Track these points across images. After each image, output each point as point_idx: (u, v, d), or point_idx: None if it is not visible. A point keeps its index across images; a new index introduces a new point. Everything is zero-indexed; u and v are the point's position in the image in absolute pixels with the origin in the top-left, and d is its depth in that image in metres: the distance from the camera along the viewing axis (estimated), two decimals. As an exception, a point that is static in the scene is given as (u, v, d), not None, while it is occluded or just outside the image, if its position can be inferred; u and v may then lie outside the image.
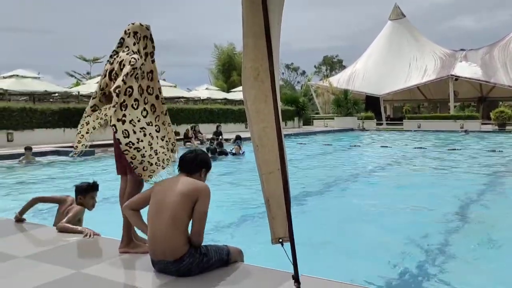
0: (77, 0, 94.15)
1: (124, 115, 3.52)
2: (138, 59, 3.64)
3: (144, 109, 3.67)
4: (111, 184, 8.48)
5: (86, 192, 4.80)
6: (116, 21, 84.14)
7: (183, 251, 3.19)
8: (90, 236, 4.33)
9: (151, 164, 3.65)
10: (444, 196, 8.44)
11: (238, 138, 17.38)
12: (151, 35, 3.87)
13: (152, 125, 3.71)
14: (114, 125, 3.49)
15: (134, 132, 3.54)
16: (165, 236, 3.18)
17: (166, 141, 3.86)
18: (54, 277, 3.35)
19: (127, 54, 3.69)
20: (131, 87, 3.56)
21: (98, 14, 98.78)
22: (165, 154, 3.82)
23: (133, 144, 3.52)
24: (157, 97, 3.85)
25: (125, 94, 3.53)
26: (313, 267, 3.78)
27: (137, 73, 3.62)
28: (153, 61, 3.87)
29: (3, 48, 72.41)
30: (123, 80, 3.53)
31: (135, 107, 3.60)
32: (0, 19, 78.09)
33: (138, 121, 3.60)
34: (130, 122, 3.54)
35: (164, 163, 3.79)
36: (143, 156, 3.58)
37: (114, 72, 3.71)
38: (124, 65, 3.62)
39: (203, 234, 3.31)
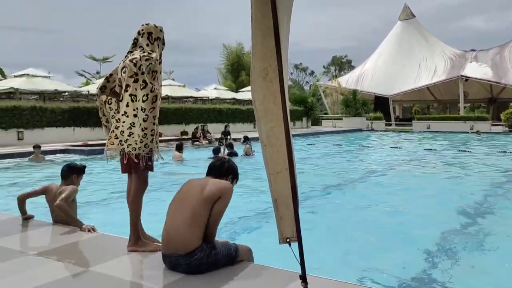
0: (87, 0, 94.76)
1: (129, 86, 3.56)
2: (153, 54, 3.68)
3: (147, 95, 3.62)
4: (119, 183, 8.54)
5: (80, 173, 4.87)
6: (126, 21, 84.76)
7: (196, 245, 3.23)
8: (88, 231, 4.41)
9: (116, 138, 3.65)
10: (456, 197, 8.38)
11: (246, 138, 17.34)
12: (163, 37, 3.89)
13: (144, 112, 3.62)
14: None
15: (127, 106, 3.57)
16: (181, 229, 3.24)
17: (145, 133, 3.67)
18: (63, 275, 3.38)
19: (140, 52, 3.72)
20: (142, 66, 3.59)
21: (108, 14, 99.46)
22: (136, 143, 3.65)
23: (121, 115, 3.59)
24: (159, 92, 3.86)
25: (139, 69, 3.55)
26: (321, 267, 3.77)
27: (151, 63, 3.64)
28: (160, 62, 3.88)
29: (14, 47, 73.17)
30: (140, 56, 3.57)
31: (142, 87, 3.59)
32: (12, 18, 78.93)
33: (137, 101, 3.59)
34: (130, 95, 3.57)
35: (124, 146, 3.65)
36: (116, 128, 3.63)
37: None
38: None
39: (216, 229, 3.38)
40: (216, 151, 13.83)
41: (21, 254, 3.88)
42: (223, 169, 3.58)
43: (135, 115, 3.58)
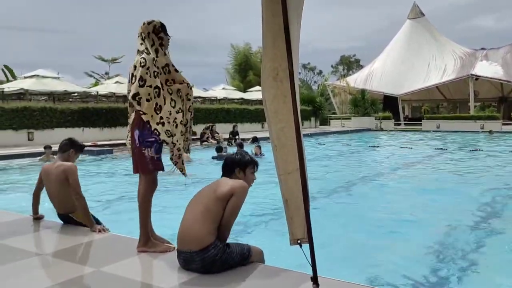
0: (96, 0, 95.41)
1: (162, 117, 3.60)
2: (146, 57, 3.62)
3: (172, 99, 3.69)
4: (129, 183, 8.57)
5: (79, 150, 4.89)
6: (133, 21, 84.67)
7: (209, 241, 3.24)
8: (99, 231, 4.41)
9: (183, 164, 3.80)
10: (467, 198, 8.30)
11: (255, 139, 17.30)
12: (157, 28, 3.77)
13: (180, 112, 3.74)
14: (156, 129, 3.58)
15: (170, 128, 3.64)
16: (195, 225, 3.27)
17: (184, 124, 3.82)
18: (74, 275, 3.39)
19: (138, 55, 3.71)
20: (157, 87, 3.60)
21: (116, 15, 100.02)
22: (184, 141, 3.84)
23: (174, 141, 3.67)
24: (181, 82, 3.86)
25: (155, 97, 3.58)
26: (332, 268, 3.74)
27: (155, 71, 3.63)
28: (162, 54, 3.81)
29: (25, 48, 73.90)
30: (140, 85, 3.54)
31: (172, 105, 3.69)
32: (23, 19, 79.60)
33: (170, 114, 3.65)
34: (168, 122, 3.63)
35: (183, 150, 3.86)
36: (179, 150, 3.72)
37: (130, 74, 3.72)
38: (136, 67, 3.64)
39: (230, 229, 3.41)
40: (218, 149, 13.80)
41: (32, 255, 3.90)
42: (227, 167, 3.58)
43: (176, 126, 3.69)
